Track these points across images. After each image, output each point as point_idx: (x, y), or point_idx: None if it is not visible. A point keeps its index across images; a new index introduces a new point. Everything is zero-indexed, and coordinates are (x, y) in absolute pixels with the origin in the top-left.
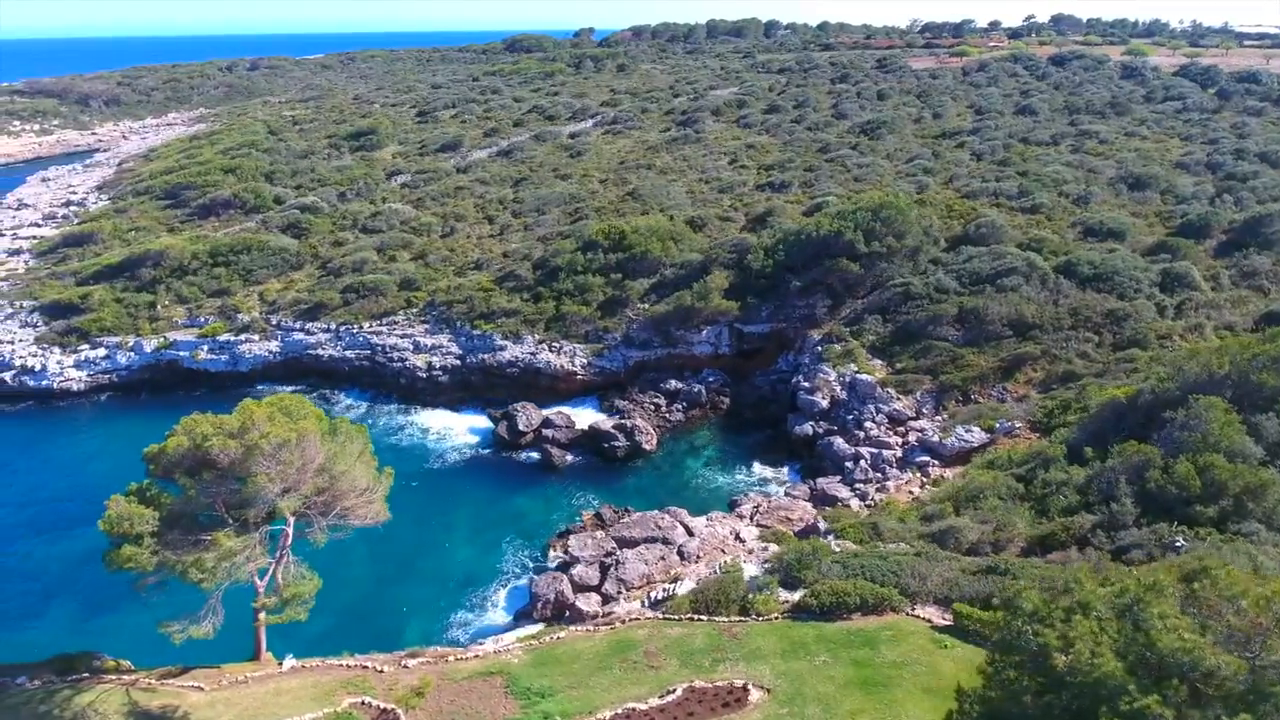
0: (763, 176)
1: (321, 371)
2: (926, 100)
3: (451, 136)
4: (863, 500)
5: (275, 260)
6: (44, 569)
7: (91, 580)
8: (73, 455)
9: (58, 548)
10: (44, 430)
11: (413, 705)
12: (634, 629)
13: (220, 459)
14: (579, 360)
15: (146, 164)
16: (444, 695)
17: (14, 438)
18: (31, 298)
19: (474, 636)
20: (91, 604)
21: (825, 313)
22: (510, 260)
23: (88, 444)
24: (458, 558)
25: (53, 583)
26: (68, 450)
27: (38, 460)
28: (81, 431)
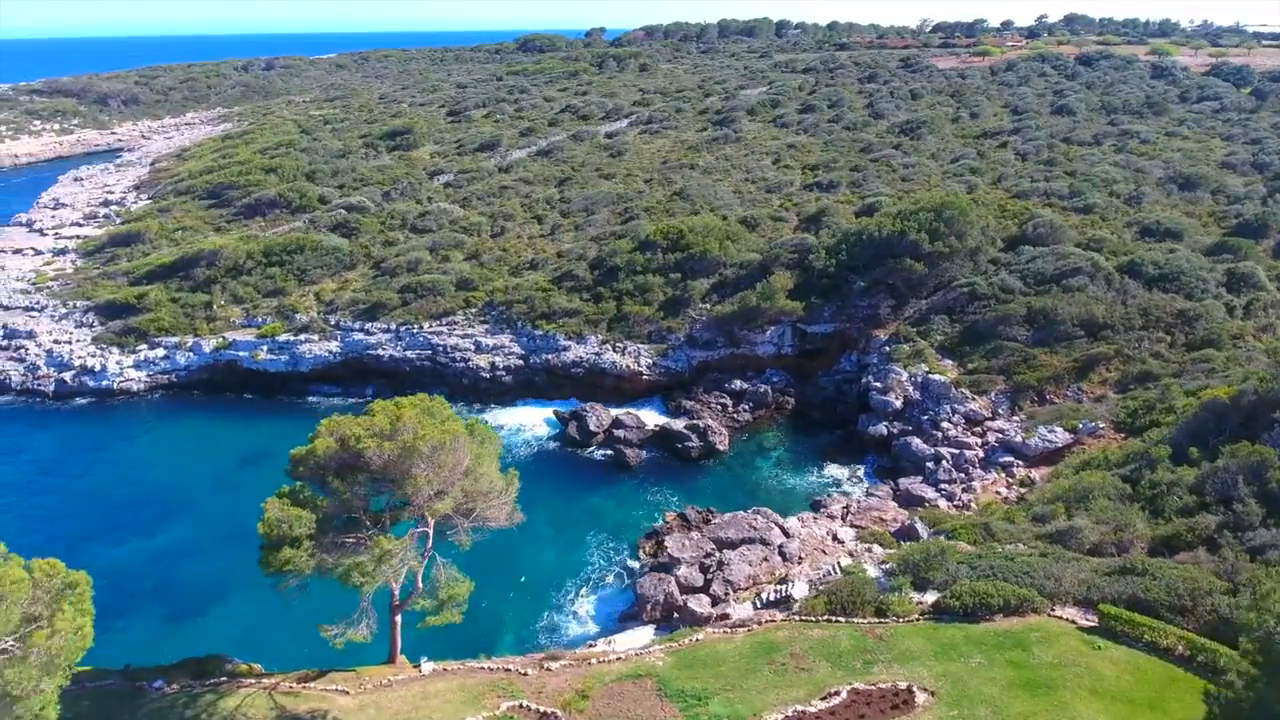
0: (808, 176)
1: (382, 372)
2: (961, 100)
3: (489, 136)
4: (950, 501)
5: (329, 260)
6: (131, 570)
7: (178, 580)
8: (139, 455)
9: (140, 548)
10: (107, 430)
11: (580, 708)
12: (773, 631)
13: (373, 461)
14: (644, 360)
15: (181, 163)
16: (598, 699)
17: (78, 437)
18: (84, 297)
19: (575, 639)
20: (183, 605)
21: (889, 313)
22: (565, 260)
23: (153, 444)
24: (543, 558)
25: (141, 583)
26: (133, 450)
27: (106, 460)
28: (144, 431)
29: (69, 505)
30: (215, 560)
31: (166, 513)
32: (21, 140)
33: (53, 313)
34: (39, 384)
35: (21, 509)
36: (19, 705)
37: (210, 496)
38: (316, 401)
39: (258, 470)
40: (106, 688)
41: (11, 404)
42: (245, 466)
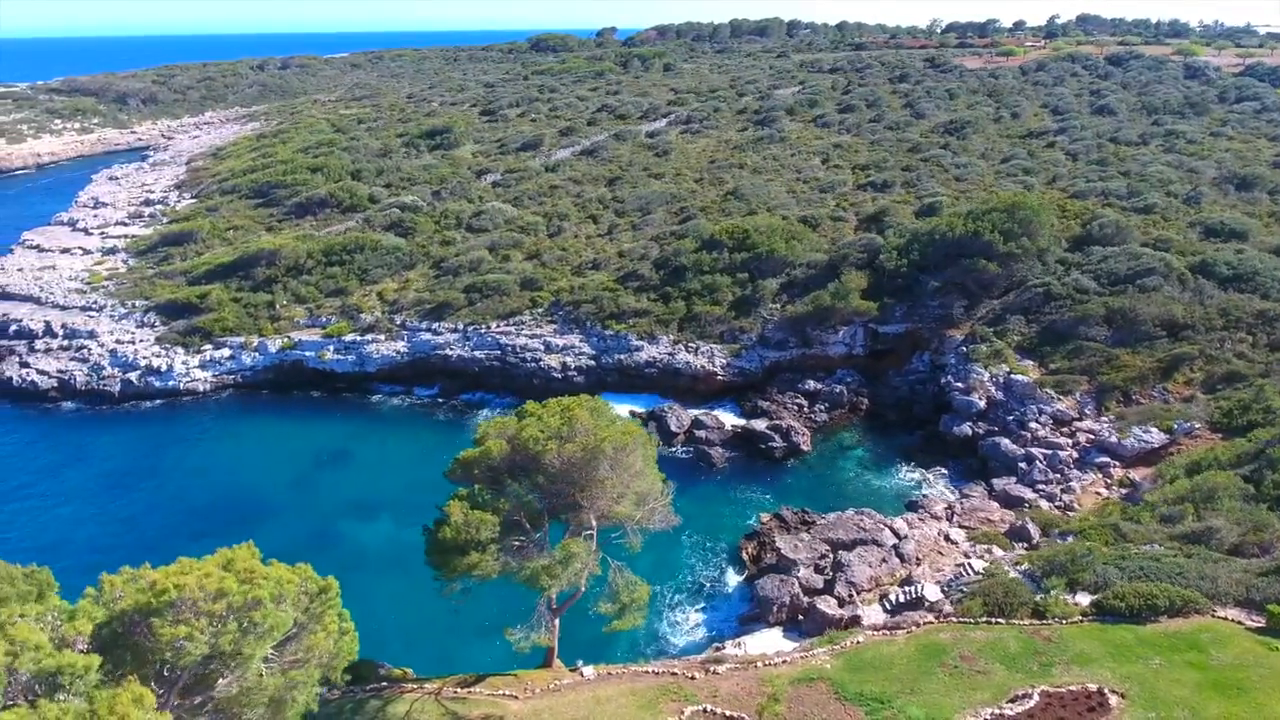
0: (860, 176)
1: (449, 372)
2: (999, 100)
3: (529, 135)
4: (1050, 502)
5: (389, 260)
6: None
7: None
8: (214, 456)
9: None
10: (177, 430)
11: (775, 712)
12: (933, 633)
13: (552, 463)
14: (718, 360)
15: (219, 162)
16: (778, 703)
17: (149, 439)
18: (143, 297)
19: (697, 643)
20: None
21: (961, 313)
22: (627, 260)
23: (225, 445)
24: (640, 561)
25: None
26: (207, 451)
27: (180, 462)
28: (215, 432)
29: (151, 509)
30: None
31: (250, 514)
32: (44, 139)
33: (112, 312)
34: (104, 384)
35: (103, 514)
36: (290, 710)
37: (292, 497)
38: (381, 400)
39: (335, 470)
40: None
41: (78, 406)
42: (322, 466)
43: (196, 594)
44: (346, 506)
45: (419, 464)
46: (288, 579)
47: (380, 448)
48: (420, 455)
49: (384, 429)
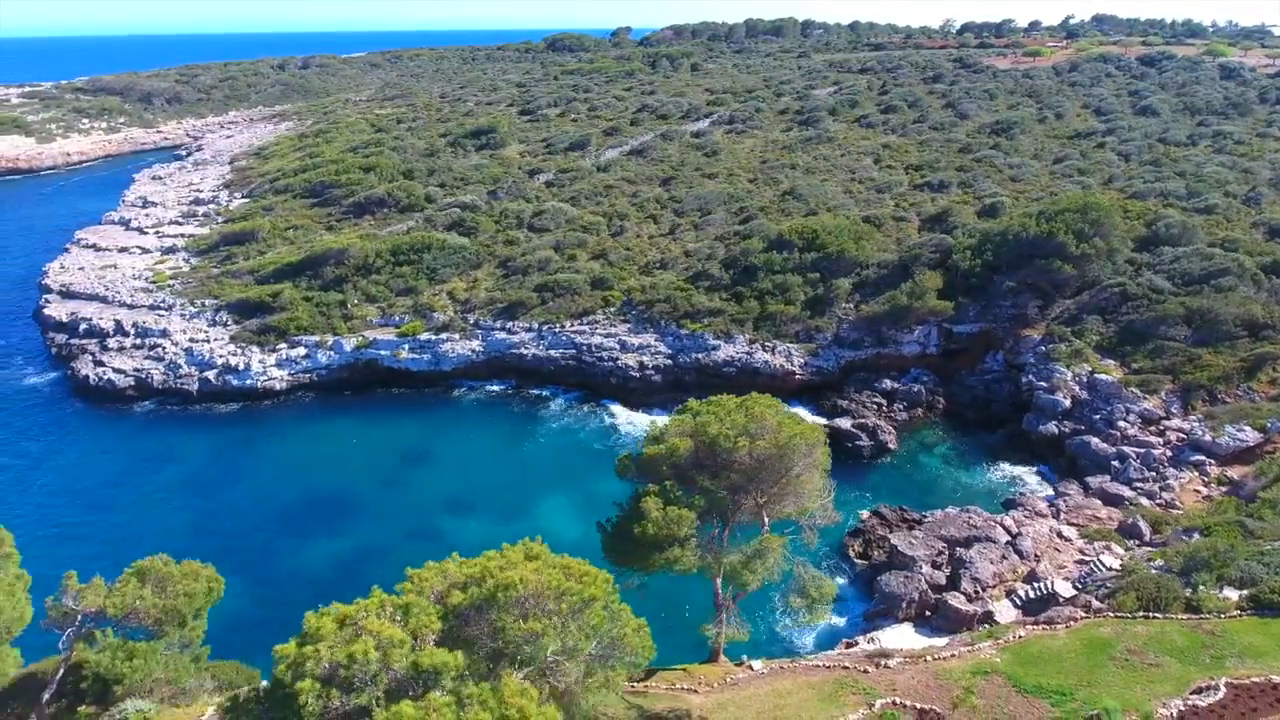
0: (914, 176)
1: (524, 371)
2: (1039, 100)
3: (576, 135)
4: (1150, 499)
5: (456, 259)
6: (331, 574)
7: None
8: (299, 455)
9: (333, 551)
10: (258, 429)
11: (971, 705)
12: (1092, 627)
13: (743, 460)
14: (796, 360)
15: (264, 162)
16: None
17: (231, 437)
18: (211, 296)
19: (820, 639)
20: None
21: (1036, 313)
22: (694, 259)
23: (309, 443)
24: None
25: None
26: (291, 450)
27: (266, 460)
28: (297, 430)
29: (245, 508)
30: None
31: (344, 513)
32: (73, 139)
33: (182, 311)
34: (182, 383)
35: (196, 514)
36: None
37: (382, 495)
38: (460, 396)
39: (421, 468)
40: None
41: (155, 405)
42: (408, 464)
43: (541, 590)
44: (439, 503)
45: (503, 460)
46: (603, 577)
47: (462, 444)
48: (503, 451)
49: (463, 425)
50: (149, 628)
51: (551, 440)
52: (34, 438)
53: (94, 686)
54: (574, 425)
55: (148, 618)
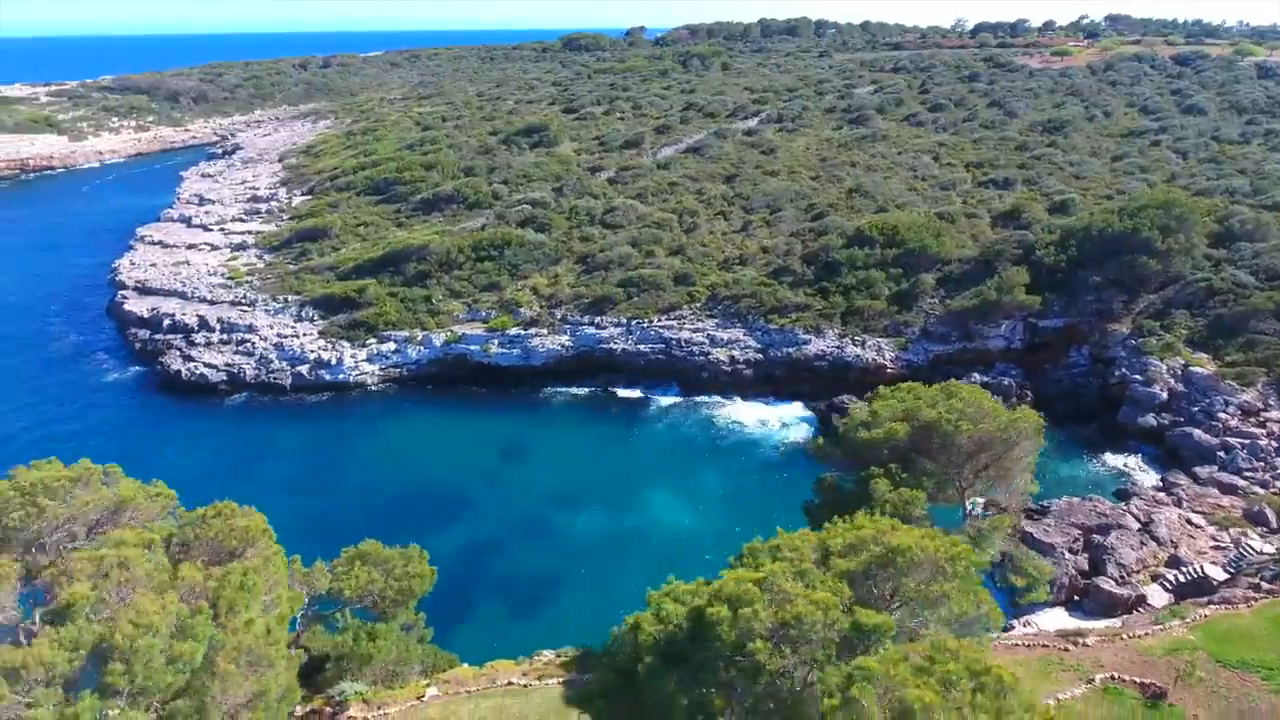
0: (976, 174)
1: (613, 366)
2: (1084, 99)
3: (629, 133)
4: (1264, 489)
5: (536, 255)
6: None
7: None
8: (397, 449)
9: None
10: (352, 423)
11: (1198, 678)
12: (1272, 606)
13: (964, 443)
14: (887, 354)
15: (315, 160)
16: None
17: (326, 431)
18: (293, 292)
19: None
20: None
21: (1120, 308)
22: (771, 255)
23: (406, 437)
24: None
25: (465, 582)
26: (389, 444)
27: (365, 454)
28: (392, 424)
29: (347, 502)
30: (525, 554)
31: (450, 506)
32: (104, 137)
33: (265, 307)
34: (274, 377)
35: (296, 508)
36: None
37: (485, 489)
38: (550, 394)
39: (521, 462)
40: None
41: (248, 398)
42: (507, 458)
43: (936, 555)
44: (545, 497)
45: (603, 454)
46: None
47: (559, 438)
48: (601, 445)
49: (557, 419)
50: (380, 610)
51: (649, 433)
52: (133, 431)
53: (305, 668)
54: (670, 419)
55: (383, 600)
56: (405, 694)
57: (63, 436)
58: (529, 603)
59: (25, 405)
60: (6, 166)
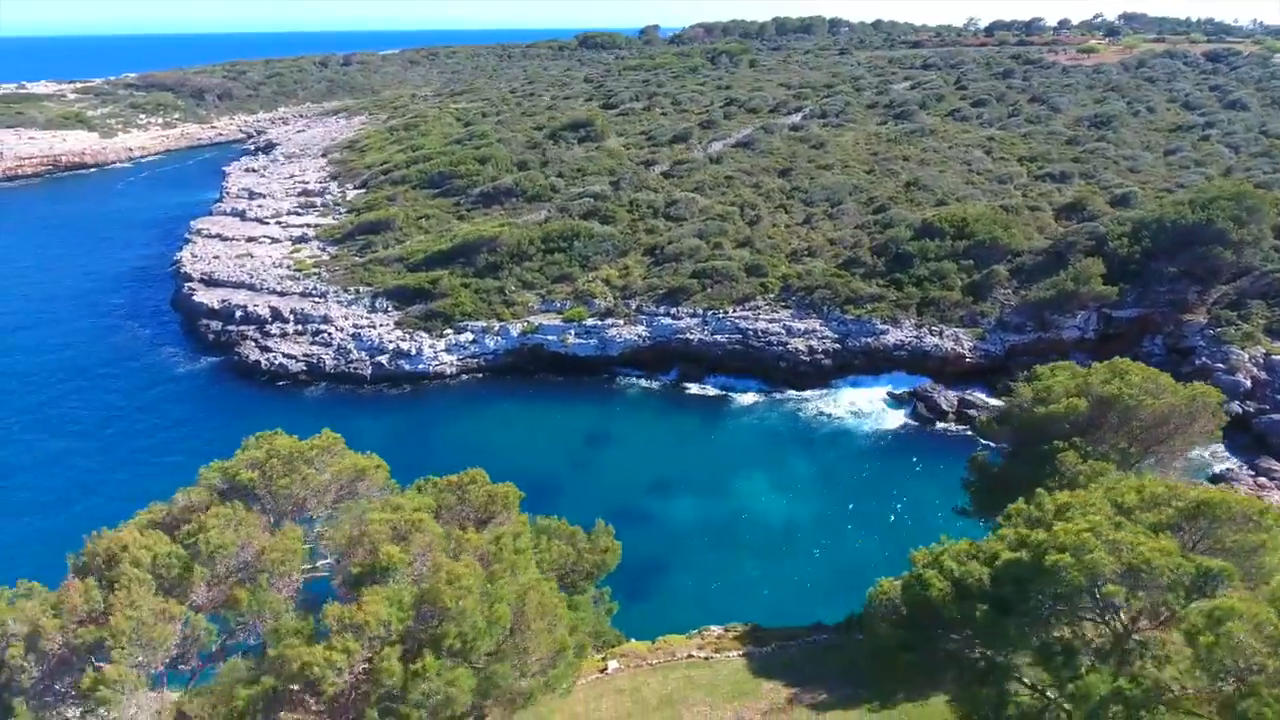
0: (1031, 168)
1: (689, 356)
2: (1125, 95)
3: (675, 128)
4: None
5: (605, 247)
6: None
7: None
8: (483, 439)
9: None
10: (435, 413)
11: None
12: None
13: (1144, 417)
14: (966, 343)
15: (361, 155)
16: None
17: (411, 421)
18: (364, 283)
19: None
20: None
21: (1195, 298)
22: (839, 247)
23: (491, 427)
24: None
25: None
26: (475, 433)
27: (452, 442)
28: (472, 414)
29: None
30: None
31: (543, 493)
32: (133, 134)
33: (337, 298)
34: (353, 367)
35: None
36: None
37: (575, 477)
38: (627, 383)
39: (607, 450)
40: (820, 642)
41: (327, 388)
42: (593, 447)
43: (1246, 509)
44: (636, 484)
45: (689, 442)
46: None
47: (643, 427)
48: (686, 433)
49: (639, 408)
50: (570, 583)
51: (731, 421)
52: (216, 420)
53: None
54: (750, 407)
55: (579, 573)
56: (589, 666)
57: (146, 429)
58: (641, 586)
59: (106, 397)
60: (40, 163)
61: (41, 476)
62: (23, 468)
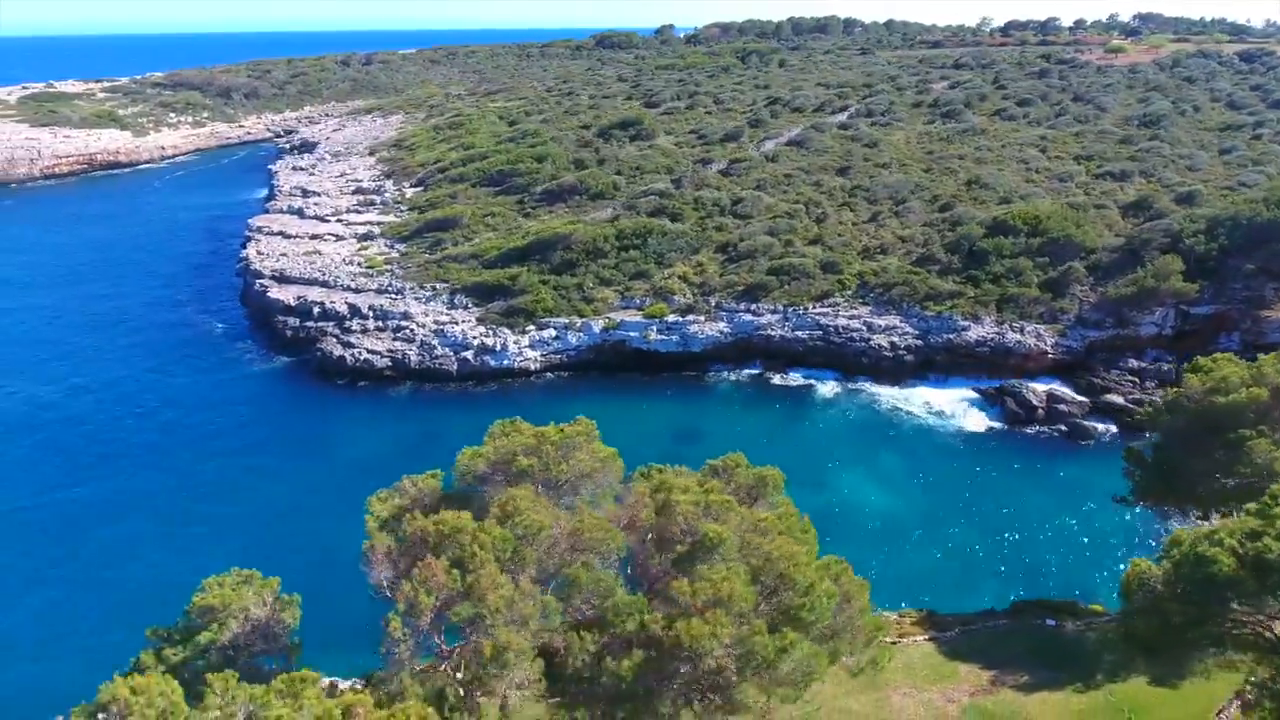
0: (1089, 167)
1: (770, 352)
2: (1166, 94)
3: (725, 127)
4: None
5: (679, 244)
6: None
7: None
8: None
9: None
10: (522, 409)
11: None
12: None
13: None
14: (1048, 340)
15: (410, 153)
16: None
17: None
18: (439, 280)
19: None
20: None
21: (1272, 294)
22: (911, 245)
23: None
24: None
25: None
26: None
27: None
28: (563, 409)
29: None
30: None
31: None
32: (164, 133)
33: (414, 295)
34: (439, 363)
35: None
36: None
37: None
38: (712, 376)
39: (698, 445)
40: (1000, 627)
41: (414, 386)
42: (683, 442)
43: None
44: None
45: (780, 437)
46: None
47: (730, 422)
48: (776, 428)
49: (725, 403)
50: None
51: (819, 416)
52: (306, 416)
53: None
54: (836, 402)
55: None
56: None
57: (233, 428)
58: None
59: (190, 396)
60: (76, 162)
61: (176, 477)
62: (151, 467)
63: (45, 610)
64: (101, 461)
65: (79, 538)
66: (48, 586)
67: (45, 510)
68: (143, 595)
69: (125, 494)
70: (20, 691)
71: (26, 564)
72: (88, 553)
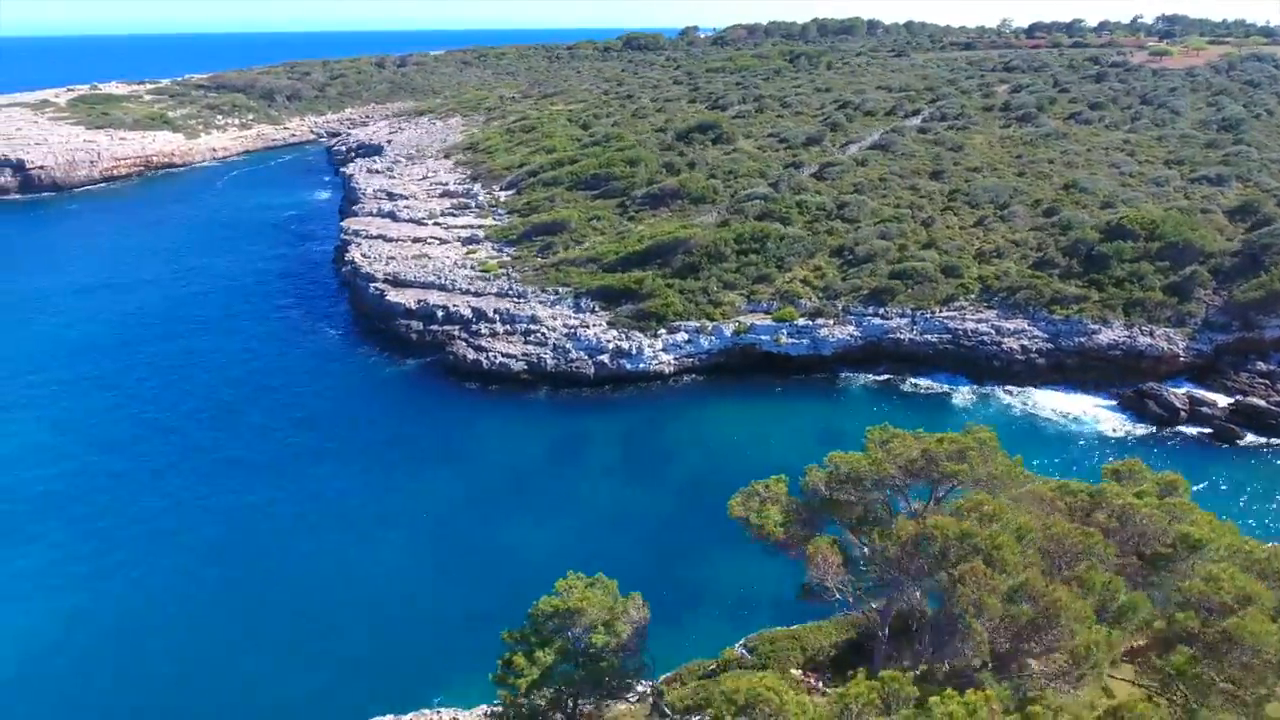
0: (1182, 171)
1: (899, 356)
2: (1234, 98)
3: (807, 131)
4: None
5: (796, 248)
6: None
7: None
8: (712, 436)
9: None
10: (662, 413)
11: None
12: None
13: None
14: (1179, 343)
15: (489, 156)
16: None
17: (641, 418)
18: (560, 284)
19: None
20: None
21: None
22: (1024, 249)
23: (725, 425)
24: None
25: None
26: (702, 431)
27: (687, 441)
28: (698, 413)
29: (696, 491)
30: None
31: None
32: (213, 134)
33: (538, 298)
34: (574, 366)
35: (669, 491)
36: None
37: None
38: (844, 380)
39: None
40: None
41: (551, 390)
42: (827, 445)
43: None
44: None
45: None
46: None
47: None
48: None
49: (861, 409)
50: None
51: (957, 419)
52: (452, 421)
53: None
54: (971, 406)
55: None
56: None
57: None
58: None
59: (332, 406)
60: (133, 163)
61: (340, 492)
62: (309, 478)
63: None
64: (275, 468)
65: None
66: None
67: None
68: (371, 600)
69: (319, 500)
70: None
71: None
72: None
